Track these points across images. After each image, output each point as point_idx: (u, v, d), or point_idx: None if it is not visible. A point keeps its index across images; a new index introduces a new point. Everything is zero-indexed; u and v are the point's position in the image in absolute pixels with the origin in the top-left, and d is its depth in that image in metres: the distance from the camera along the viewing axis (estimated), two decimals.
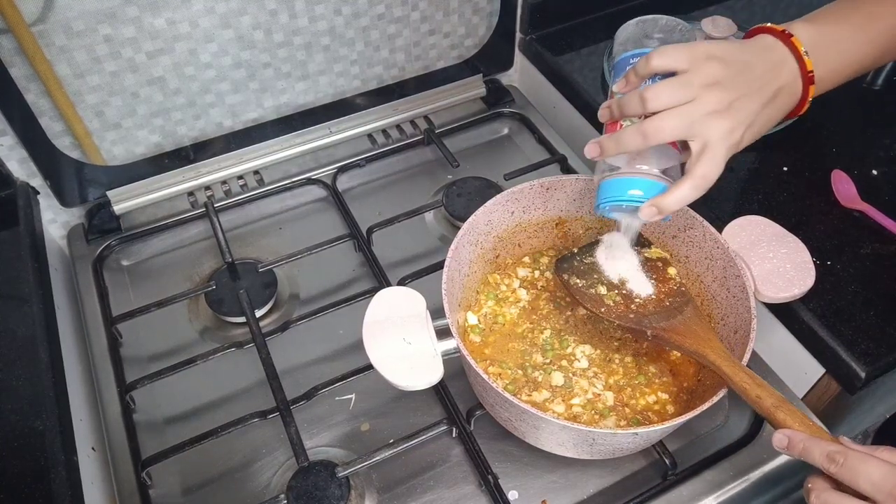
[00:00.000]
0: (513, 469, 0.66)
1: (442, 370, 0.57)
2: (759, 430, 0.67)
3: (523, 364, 0.67)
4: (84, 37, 0.74)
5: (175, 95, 0.84)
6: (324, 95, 0.94)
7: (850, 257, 0.73)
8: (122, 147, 0.86)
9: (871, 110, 0.92)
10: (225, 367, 0.73)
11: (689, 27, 0.62)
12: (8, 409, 0.61)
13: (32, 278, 0.72)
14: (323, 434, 0.69)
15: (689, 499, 0.63)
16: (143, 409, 0.71)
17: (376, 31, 0.90)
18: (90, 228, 0.86)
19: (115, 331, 0.76)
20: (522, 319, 0.71)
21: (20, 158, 0.80)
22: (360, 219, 0.86)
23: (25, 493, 0.56)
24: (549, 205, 0.72)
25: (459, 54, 1.00)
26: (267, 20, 0.82)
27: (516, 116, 1.01)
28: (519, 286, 0.73)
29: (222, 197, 0.90)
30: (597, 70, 0.96)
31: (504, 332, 0.70)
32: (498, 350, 0.68)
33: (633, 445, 0.60)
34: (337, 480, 0.61)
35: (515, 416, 0.58)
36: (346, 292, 0.78)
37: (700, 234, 0.66)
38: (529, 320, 0.71)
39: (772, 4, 1.09)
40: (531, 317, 0.71)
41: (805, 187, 0.81)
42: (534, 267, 0.75)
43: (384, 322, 0.59)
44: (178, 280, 0.83)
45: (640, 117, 0.55)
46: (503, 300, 0.72)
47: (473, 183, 0.89)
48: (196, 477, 0.66)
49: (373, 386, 0.71)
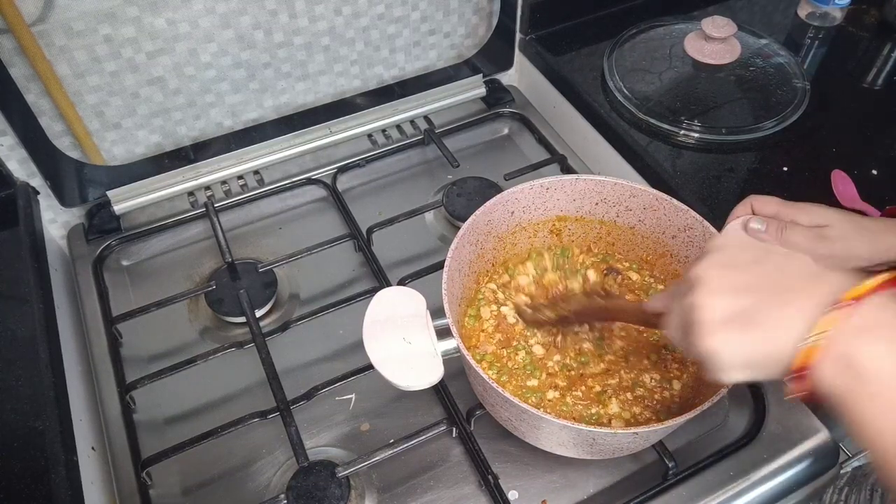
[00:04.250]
0: (513, 469, 0.66)
1: (442, 370, 0.57)
2: (760, 430, 0.67)
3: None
4: (84, 37, 0.74)
5: (175, 95, 0.84)
6: (324, 95, 0.94)
7: None
8: (122, 147, 0.86)
9: (871, 110, 0.92)
10: (225, 367, 0.73)
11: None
12: (8, 409, 0.61)
13: (32, 278, 0.72)
14: (323, 434, 0.69)
15: (689, 499, 0.63)
16: (143, 409, 0.71)
17: (376, 31, 0.90)
18: (90, 228, 0.86)
19: (115, 331, 0.76)
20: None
21: (20, 158, 0.80)
22: (360, 219, 0.86)
23: (25, 493, 0.56)
24: (548, 205, 0.72)
25: (459, 54, 1.00)
26: (267, 20, 0.82)
27: (516, 116, 1.01)
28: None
29: (222, 197, 0.90)
30: (597, 70, 0.96)
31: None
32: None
33: (633, 445, 0.60)
34: (337, 480, 0.61)
35: (515, 416, 0.58)
36: (346, 292, 0.78)
37: (700, 234, 0.66)
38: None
39: (772, 4, 1.09)
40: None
41: (805, 187, 0.81)
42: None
43: (384, 322, 0.59)
44: (178, 280, 0.83)
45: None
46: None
47: (473, 183, 0.89)
48: (196, 477, 0.66)
49: (373, 386, 0.71)
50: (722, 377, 0.43)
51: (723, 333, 0.42)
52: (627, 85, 0.91)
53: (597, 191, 0.71)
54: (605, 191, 0.71)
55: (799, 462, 0.65)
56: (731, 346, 0.41)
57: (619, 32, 0.99)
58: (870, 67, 0.98)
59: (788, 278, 0.42)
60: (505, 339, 0.69)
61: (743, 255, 0.44)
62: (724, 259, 0.45)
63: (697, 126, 0.86)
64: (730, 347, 0.41)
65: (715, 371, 0.43)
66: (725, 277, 0.43)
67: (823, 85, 0.93)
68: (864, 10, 1.06)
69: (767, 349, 0.40)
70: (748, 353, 0.41)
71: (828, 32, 1.03)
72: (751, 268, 0.43)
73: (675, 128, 0.86)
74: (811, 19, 1.04)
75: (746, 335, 0.41)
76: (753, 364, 0.41)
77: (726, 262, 0.44)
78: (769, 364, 0.41)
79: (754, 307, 0.41)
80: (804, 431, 0.66)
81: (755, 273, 0.43)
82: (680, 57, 0.96)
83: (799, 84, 0.91)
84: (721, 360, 0.42)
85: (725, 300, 0.42)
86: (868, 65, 0.98)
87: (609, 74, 0.93)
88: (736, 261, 0.44)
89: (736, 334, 0.41)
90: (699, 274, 0.44)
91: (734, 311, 0.42)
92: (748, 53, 0.96)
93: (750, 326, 0.41)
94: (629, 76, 0.93)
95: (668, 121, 0.87)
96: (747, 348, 0.41)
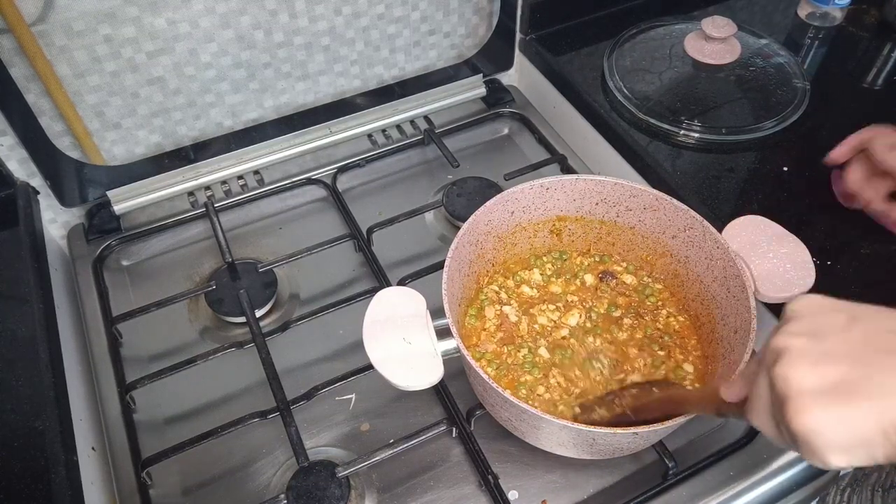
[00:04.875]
0: (513, 469, 0.66)
1: (442, 370, 0.57)
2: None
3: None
4: (84, 37, 0.74)
5: (175, 95, 0.84)
6: (324, 95, 0.94)
7: (850, 257, 0.73)
8: (122, 147, 0.86)
9: (871, 110, 0.91)
10: (225, 367, 0.73)
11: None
12: (8, 409, 0.61)
13: (32, 278, 0.72)
14: (323, 434, 0.69)
15: (689, 499, 0.63)
16: (143, 409, 0.71)
17: (376, 31, 0.90)
18: (90, 228, 0.86)
19: (115, 331, 0.76)
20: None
21: (20, 158, 0.80)
22: (360, 219, 0.86)
23: (25, 493, 0.56)
24: (548, 205, 0.72)
25: (459, 54, 1.00)
26: (267, 20, 0.82)
27: (516, 116, 1.01)
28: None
29: (222, 197, 0.90)
30: (597, 70, 0.96)
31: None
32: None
33: (633, 445, 0.60)
34: (337, 480, 0.61)
35: (515, 416, 0.58)
36: (346, 292, 0.78)
37: (700, 233, 0.66)
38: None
39: (772, 4, 1.09)
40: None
41: (805, 187, 0.81)
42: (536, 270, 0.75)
43: (384, 322, 0.59)
44: (178, 280, 0.83)
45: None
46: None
47: (473, 183, 0.89)
48: (196, 477, 0.66)
49: (373, 386, 0.71)
50: (826, 463, 0.35)
51: (821, 408, 0.35)
52: (627, 85, 0.91)
53: (597, 191, 0.71)
54: (605, 191, 0.71)
55: (799, 462, 0.65)
56: (833, 422, 0.35)
57: (619, 32, 0.99)
58: (870, 67, 0.98)
59: (892, 338, 0.36)
60: (507, 336, 0.69)
61: (831, 319, 0.38)
62: (809, 325, 0.38)
63: (697, 126, 0.86)
64: (832, 424, 0.35)
65: (816, 455, 0.36)
66: (816, 345, 0.37)
67: (823, 85, 0.93)
68: (864, 10, 1.06)
69: (881, 422, 0.34)
70: (856, 429, 0.34)
71: (828, 32, 1.03)
72: (844, 331, 0.37)
73: (675, 128, 0.86)
74: (811, 19, 1.04)
75: (851, 407, 0.34)
76: (865, 442, 0.34)
77: (813, 329, 0.38)
78: (887, 439, 0.34)
79: (856, 373, 0.35)
80: None
81: (851, 336, 0.37)
82: (680, 57, 0.96)
83: (799, 84, 0.91)
84: (823, 441, 0.35)
85: (820, 369, 0.36)
86: (868, 65, 0.98)
87: (609, 74, 0.93)
88: (825, 325, 0.38)
89: (838, 408, 0.35)
90: (781, 344, 0.38)
91: (833, 381, 0.35)
92: (748, 53, 0.96)
93: (855, 397, 0.34)
94: (629, 76, 0.93)
95: (668, 121, 0.87)
96: (854, 423, 0.34)
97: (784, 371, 0.37)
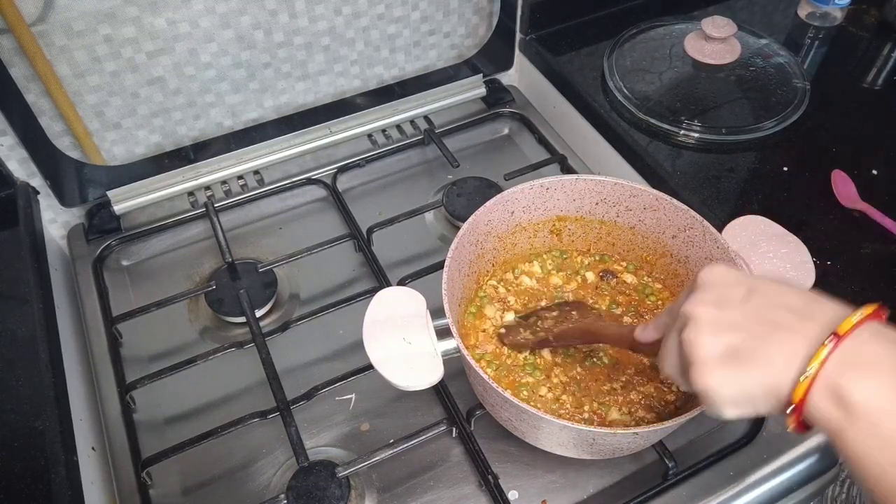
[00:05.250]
0: (513, 469, 0.66)
1: (442, 370, 0.57)
2: (760, 429, 0.67)
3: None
4: (84, 37, 0.74)
5: (175, 95, 0.84)
6: (324, 95, 0.94)
7: (850, 257, 0.73)
8: (122, 147, 0.86)
9: (871, 110, 0.92)
10: (225, 367, 0.73)
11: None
12: (8, 409, 0.61)
13: (32, 278, 0.72)
14: (323, 434, 0.69)
15: (689, 499, 0.63)
16: (143, 409, 0.71)
17: (376, 31, 0.90)
18: (90, 228, 0.86)
19: (115, 331, 0.76)
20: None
21: (20, 158, 0.80)
22: (360, 219, 0.86)
23: (25, 493, 0.56)
24: (548, 205, 0.72)
25: (459, 54, 1.00)
26: (267, 20, 0.82)
27: (516, 116, 1.01)
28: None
29: (222, 197, 0.90)
30: (597, 70, 0.96)
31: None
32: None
33: (634, 445, 0.60)
34: (337, 480, 0.61)
35: (515, 416, 0.58)
36: (346, 292, 0.78)
37: (700, 233, 0.66)
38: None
39: (772, 4, 1.09)
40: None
41: (805, 187, 0.81)
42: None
43: (384, 322, 0.59)
44: (178, 280, 0.83)
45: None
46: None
47: (473, 183, 0.89)
48: (196, 477, 0.66)
49: (373, 386, 0.71)
50: (720, 413, 0.43)
51: (719, 371, 0.42)
52: (627, 85, 0.91)
53: (597, 191, 0.71)
54: (605, 191, 0.71)
55: (799, 462, 0.65)
56: (727, 383, 0.42)
57: (619, 32, 0.99)
58: (870, 67, 0.98)
59: (780, 313, 0.42)
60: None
61: (733, 291, 0.44)
62: (714, 296, 0.45)
63: (697, 126, 0.86)
64: (726, 385, 0.42)
65: (713, 407, 0.44)
66: (718, 314, 0.44)
67: (823, 85, 0.93)
68: (864, 10, 1.06)
69: (764, 385, 0.41)
70: (745, 390, 0.42)
71: (828, 32, 1.03)
72: (742, 304, 0.43)
73: (675, 128, 0.86)
74: (811, 19, 1.04)
75: (742, 372, 0.41)
76: (751, 400, 0.42)
77: (717, 300, 0.45)
78: (767, 400, 0.41)
79: (748, 344, 0.42)
80: None
81: (747, 309, 0.43)
82: (680, 57, 0.96)
83: (799, 84, 0.91)
84: (718, 397, 0.43)
85: (719, 338, 0.43)
86: (868, 65, 0.98)
87: (609, 74, 0.93)
88: (727, 297, 0.44)
89: (732, 371, 0.42)
90: (691, 311, 0.45)
91: (729, 348, 0.42)
92: (748, 53, 0.96)
93: (745, 363, 0.41)
94: (629, 76, 0.93)
95: (668, 121, 0.87)
96: (744, 385, 0.41)
97: (691, 336, 0.44)
